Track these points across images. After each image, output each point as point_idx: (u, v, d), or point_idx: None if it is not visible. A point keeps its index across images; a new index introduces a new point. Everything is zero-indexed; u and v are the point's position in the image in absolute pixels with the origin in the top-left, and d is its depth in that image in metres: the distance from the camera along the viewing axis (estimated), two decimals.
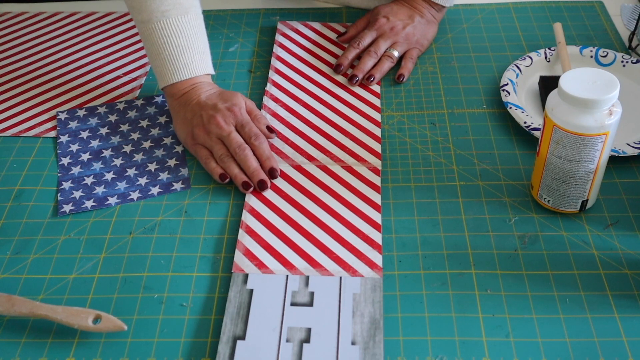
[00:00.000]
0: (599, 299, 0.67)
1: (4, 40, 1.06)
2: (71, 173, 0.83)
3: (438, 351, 0.64)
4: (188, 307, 0.68)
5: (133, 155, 0.85)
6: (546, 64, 0.94)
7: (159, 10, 0.82)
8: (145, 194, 0.80)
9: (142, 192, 0.80)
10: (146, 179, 0.82)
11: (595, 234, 0.73)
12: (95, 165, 0.83)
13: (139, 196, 0.80)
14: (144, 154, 0.85)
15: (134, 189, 0.81)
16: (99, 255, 0.74)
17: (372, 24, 0.97)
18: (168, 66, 0.84)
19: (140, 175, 0.82)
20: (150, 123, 0.89)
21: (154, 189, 0.80)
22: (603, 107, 0.67)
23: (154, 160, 0.84)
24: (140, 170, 0.83)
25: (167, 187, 0.81)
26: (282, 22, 1.05)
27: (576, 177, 0.71)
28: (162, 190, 0.80)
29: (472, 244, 0.73)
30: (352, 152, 0.83)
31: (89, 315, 0.65)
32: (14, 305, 0.66)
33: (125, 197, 0.80)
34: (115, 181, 0.81)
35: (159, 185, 0.81)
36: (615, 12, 1.05)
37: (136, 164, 0.84)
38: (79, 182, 0.81)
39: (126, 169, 0.83)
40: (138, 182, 0.81)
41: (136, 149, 0.86)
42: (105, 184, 0.81)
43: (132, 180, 0.82)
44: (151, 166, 0.83)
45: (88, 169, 0.83)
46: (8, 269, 0.73)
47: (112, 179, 0.82)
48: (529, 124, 0.83)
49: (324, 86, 0.93)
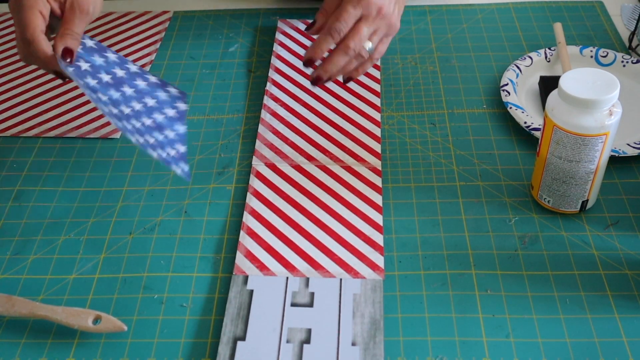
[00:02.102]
0: (599, 300, 0.67)
1: (4, 41, 1.06)
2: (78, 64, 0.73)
3: (438, 351, 0.64)
4: (188, 307, 0.68)
5: (130, 118, 0.75)
6: (546, 64, 0.94)
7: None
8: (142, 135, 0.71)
9: (139, 132, 0.71)
10: (141, 106, 0.75)
11: (596, 234, 0.73)
12: (97, 59, 0.75)
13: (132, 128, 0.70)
14: (143, 127, 0.74)
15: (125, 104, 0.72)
16: (99, 256, 0.74)
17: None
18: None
19: (136, 100, 0.75)
20: (157, 105, 0.79)
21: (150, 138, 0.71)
22: (603, 108, 0.67)
23: (154, 97, 0.77)
24: (137, 96, 0.76)
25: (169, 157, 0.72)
26: (282, 21, 1.05)
27: (576, 177, 0.71)
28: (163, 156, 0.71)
29: (472, 244, 0.73)
30: (352, 152, 0.83)
31: (89, 315, 0.65)
32: (13, 305, 0.66)
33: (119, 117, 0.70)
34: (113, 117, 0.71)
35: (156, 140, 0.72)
36: (615, 12, 1.05)
37: (136, 87, 0.76)
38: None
39: (124, 84, 0.76)
40: (132, 103, 0.74)
41: (135, 116, 0.75)
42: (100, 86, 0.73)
43: (126, 101, 0.74)
44: (148, 100, 0.76)
45: (89, 57, 0.74)
46: (8, 269, 0.73)
47: (106, 82, 0.74)
48: (529, 124, 0.83)
49: (324, 86, 0.93)
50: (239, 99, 0.93)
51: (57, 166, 0.85)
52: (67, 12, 0.71)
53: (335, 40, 0.74)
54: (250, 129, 0.88)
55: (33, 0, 0.69)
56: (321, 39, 0.74)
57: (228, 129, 0.88)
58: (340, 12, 0.72)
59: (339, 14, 0.72)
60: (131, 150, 0.86)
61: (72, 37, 0.71)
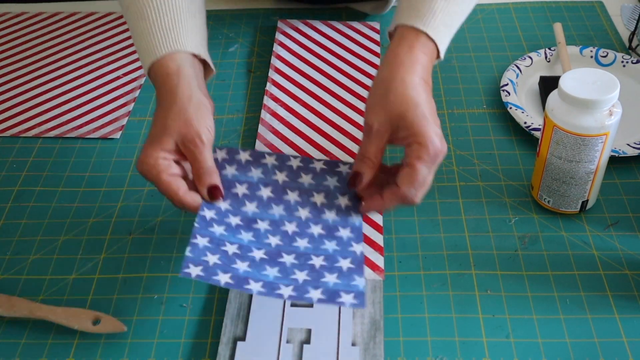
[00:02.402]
0: (599, 300, 0.67)
1: (4, 41, 1.06)
2: (212, 230, 0.64)
3: (438, 352, 0.64)
4: (188, 308, 0.68)
5: (295, 239, 0.65)
6: (546, 64, 0.94)
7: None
8: (301, 294, 0.59)
9: (296, 290, 0.60)
10: (306, 275, 0.62)
11: (596, 234, 0.73)
12: (244, 236, 0.64)
13: (291, 294, 0.59)
14: (310, 242, 0.65)
15: (287, 282, 0.61)
16: (99, 256, 0.74)
17: (422, 148, 0.62)
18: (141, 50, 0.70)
19: (299, 267, 0.62)
20: (327, 202, 0.68)
21: (314, 293, 0.59)
22: (603, 108, 0.67)
23: (322, 254, 0.64)
24: (300, 261, 0.63)
25: (333, 295, 0.59)
26: (282, 21, 1.05)
27: (576, 177, 0.71)
28: (324, 298, 0.59)
29: (472, 245, 0.73)
30: (352, 152, 0.83)
31: (89, 316, 0.65)
32: (13, 306, 0.66)
33: (272, 288, 0.60)
34: (264, 264, 0.62)
35: (321, 290, 0.60)
36: (615, 12, 1.05)
37: (297, 251, 0.64)
38: (218, 246, 0.63)
39: (282, 254, 0.64)
40: (294, 276, 0.61)
41: (301, 231, 0.66)
42: (251, 263, 0.62)
43: (286, 270, 0.62)
44: (316, 260, 0.63)
45: (234, 235, 0.64)
46: (8, 269, 0.73)
47: (260, 259, 0.63)
48: (529, 124, 0.83)
49: (324, 85, 0.93)
50: (239, 99, 0.93)
51: (57, 166, 0.85)
52: (188, 154, 0.65)
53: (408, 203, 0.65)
54: (250, 129, 0.88)
55: (154, 171, 0.64)
56: (389, 200, 0.65)
57: (228, 129, 0.88)
58: (415, 177, 0.62)
59: (413, 179, 0.62)
60: (131, 150, 0.86)
61: (208, 173, 0.66)
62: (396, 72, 0.64)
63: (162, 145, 0.65)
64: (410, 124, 0.63)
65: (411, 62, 0.65)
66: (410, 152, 0.63)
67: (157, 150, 0.65)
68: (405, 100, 0.63)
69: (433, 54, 0.67)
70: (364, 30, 1.03)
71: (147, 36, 0.68)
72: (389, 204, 0.65)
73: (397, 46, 0.66)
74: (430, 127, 0.63)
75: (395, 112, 0.63)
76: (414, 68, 0.65)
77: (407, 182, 0.62)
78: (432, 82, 0.67)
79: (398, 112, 0.63)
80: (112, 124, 0.90)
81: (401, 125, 0.63)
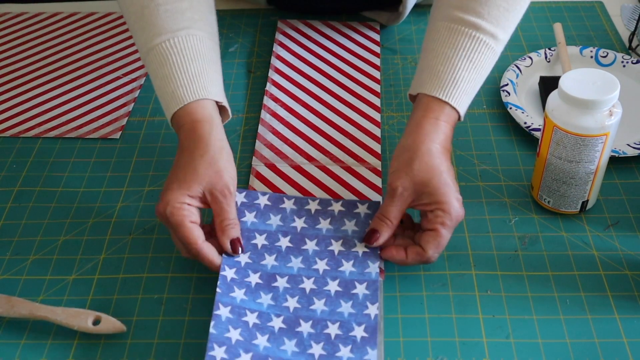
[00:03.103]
0: (600, 300, 0.67)
1: (4, 41, 1.06)
2: (232, 296, 0.64)
3: (438, 352, 0.64)
4: (188, 308, 0.68)
5: (312, 300, 0.65)
6: (546, 64, 0.94)
7: (146, 44, 0.72)
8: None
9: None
10: (322, 348, 0.61)
11: (596, 234, 0.73)
12: (263, 299, 0.65)
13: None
14: (327, 303, 0.65)
15: (304, 359, 0.61)
16: (99, 256, 0.74)
17: (446, 214, 0.66)
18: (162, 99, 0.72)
19: (315, 338, 0.62)
20: (345, 249, 0.69)
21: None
22: (603, 108, 0.67)
23: (338, 319, 0.64)
24: (316, 329, 0.63)
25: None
26: (282, 21, 1.05)
27: (576, 177, 0.71)
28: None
29: (472, 245, 0.73)
30: (352, 153, 0.83)
31: (89, 316, 0.65)
32: (13, 306, 0.66)
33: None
34: (282, 335, 0.62)
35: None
36: (615, 12, 1.05)
37: (313, 316, 0.64)
38: (239, 316, 0.63)
39: (299, 320, 0.63)
40: (311, 350, 0.61)
41: (318, 289, 0.66)
42: (270, 335, 0.62)
43: (303, 342, 0.62)
44: (331, 329, 0.63)
45: (254, 300, 0.65)
46: (7, 269, 0.73)
47: (279, 329, 0.63)
48: (529, 124, 0.83)
49: (324, 86, 0.93)
50: (239, 99, 0.93)
51: (57, 166, 0.84)
52: (214, 204, 0.67)
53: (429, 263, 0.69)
54: (250, 130, 0.88)
55: (179, 216, 0.65)
56: (412, 258, 0.67)
57: (228, 130, 0.87)
58: (440, 241, 0.66)
59: (439, 244, 0.66)
60: (131, 151, 0.86)
61: (232, 226, 0.68)
62: (421, 142, 0.67)
63: (189, 191, 0.66)
64: (435, 192, 0.66)
65: (436, 132, 0.68)
66: (434, 218, 0.66)
67: (184, 195, 0.66)
68: (430, 169, 0.66)
69: (455, 121, 0.70)
70: (364, 30, 1.03)
71: (172, 82, 0.70)
72: (410, 261, 0.68)
73: (423, 117, 0.69)
74: (452, 194, 0.67)
75: (419, 179, 0.66)
76: (438, 137, 0.68)
77: (433, 246, 0.66)
78: (451, 147, 0.71)
79: (422, 179, 0.66)
80: (112, 124, 0.90)
81: (425, 192, 0.66)
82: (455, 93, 0.68)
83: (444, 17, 0.70)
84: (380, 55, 0.99)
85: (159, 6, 0.71)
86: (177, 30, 0.71)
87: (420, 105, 0.70)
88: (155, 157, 0.85)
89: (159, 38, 0.70)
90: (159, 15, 0.71)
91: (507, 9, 0.69)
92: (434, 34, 0.71)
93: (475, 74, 0.69)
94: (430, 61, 0.70)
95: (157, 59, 0.71)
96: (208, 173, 0.67)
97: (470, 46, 0.69)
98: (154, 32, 0.71)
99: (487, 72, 0.71)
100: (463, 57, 0.69)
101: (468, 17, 0.69)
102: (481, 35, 0.69)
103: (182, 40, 0.70)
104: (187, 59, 0.70)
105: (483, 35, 0.69)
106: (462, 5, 0.69)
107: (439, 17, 0.71)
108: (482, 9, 0.69)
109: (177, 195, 0.66)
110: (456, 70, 0.68)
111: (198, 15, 0.73)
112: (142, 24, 0.71)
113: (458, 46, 0.69)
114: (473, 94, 0.70)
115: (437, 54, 0.70)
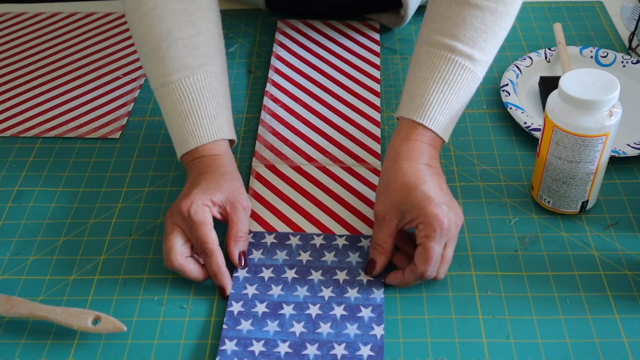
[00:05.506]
0: (600, 300, 0.67)
1: (4, 41, 1.06)
2: (239, 329, 0.65)
3: (438, 353, 0.64)
4: (188, 309, 0.68)
5: (318, 324, 0.65)
6: (546, 64, 0.94)
7: (163, 77, 0.74)
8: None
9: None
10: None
11: (596, 234, 0.73)
12: (270, 327, 0.65)
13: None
14: (332, 326, 0.65)
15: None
16: (99, 257, 0.74)
17: (427, 226, 0.65)
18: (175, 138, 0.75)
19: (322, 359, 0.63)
20: (349, 278, 0.69)
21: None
22: (603, 108, 0.67)
23: (344, 340, 0.64)
24: (322, 351, 0.63)
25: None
26: (282, 21, 1.05)
27: (576, 178, 0.71)
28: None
29: (472, 245, 0.73)
30: (352, 153, 0.83)
31: (89, 316, 0.65)
32: (13, 306, 0.66)
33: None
34: (288, 359, 0.63)
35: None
36: (615, 12, 1.05)
37: (319, 339, 0.64)
38: (245, 347, 0.63)
39: (305, 344, 0.64)
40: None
41: (324, 314, 0.66)
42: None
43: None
44: (338, 349, 0.63)
45: (260, 329, 0.65)
46: (7, 270, 0.73)
47: (285, 354, 0.63)
48: (529, 124, 0.83)
49: (324, 86, 0.93)
50: (239, 99, 0.93)
51: (57, 166, 0.84)
52: (233, 214, 0.70)
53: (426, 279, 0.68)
54: (250, 130, 0.88)
55: (202, 214, 0.68)
56: (408, 277, 0.67)
57: None
58: (428, 254, 0.65)
59: (427, 257, 0.65)
60: (131, 151, 0.86)
61: (244, 239, 0.71)
62: (394, 162, 0.69)
63: (213, 197, 0.70)
64: (413, 207, 0.66)
65: (408, 151, 0.69)
66: (419, 233, 0.66)
67: (208, 199, 0.70)
68: (405, 187, 0.67)
69: (435, 140, 0.71)
70: (364, 29, 1.03)
71: (189, 121, 0.73)
72: (408, 280, 0.67)
73: (395, 139, 0.71)
74: (432, 205, 0.66)
75: (397, 199, 0.67)
76: (412, 156, 0.69)
77: (422, 260, 0.65)
78: (439, 164, 0.71)
79: (400, 199, 0.67)
80: (112, 124, 0.90)
81: (406, 210, 0.67)
82: (429, 113, 0.70)
83: (424, 41, 0.72)
84: (380, 55, 0.99)
85: (178, 40, 0.73)
86: (195, 68, 0.73)
87: (397, 128, 0.72)
88: (155, 157, 0.85)
89: (178, 74, 0.73)
90: (177, 50, 0.73)
91: (484, 31, 0.71)
92: (414, 58, 0.73)
93: (452, 94, 0.70)
94: (408, 85, 0.73)
95: (175, 95, 0.73)
96: (230, 187, 0.71)
97: (445, 68, 0.70)
98: (172, 66, 0.73)
99: (468, 92, 0.72)
100: (438, 79, 0.70)
101: (444, 40, 0.70)
102: (457, 57, 0.70)
103: (200, 78, 0.73)
104: (205, 97, 0.73)
105: (459, 57, 0.70)
106: (440, 28, 0.71)
107: (421, 41, 0.73)
108: (458, 31, 0.70)
109: (202, 197, 0.69)
110: (430, 92, 0.70)
111: (212, 49, 0.76)
112: (160, 55, 0.73)
113: (434, 68, 0.70)
114: (451, 113, 0.71)
115: (415, 77, 0.72)
